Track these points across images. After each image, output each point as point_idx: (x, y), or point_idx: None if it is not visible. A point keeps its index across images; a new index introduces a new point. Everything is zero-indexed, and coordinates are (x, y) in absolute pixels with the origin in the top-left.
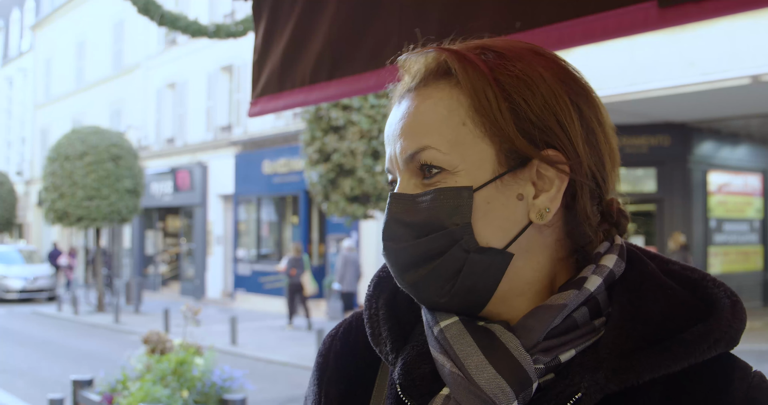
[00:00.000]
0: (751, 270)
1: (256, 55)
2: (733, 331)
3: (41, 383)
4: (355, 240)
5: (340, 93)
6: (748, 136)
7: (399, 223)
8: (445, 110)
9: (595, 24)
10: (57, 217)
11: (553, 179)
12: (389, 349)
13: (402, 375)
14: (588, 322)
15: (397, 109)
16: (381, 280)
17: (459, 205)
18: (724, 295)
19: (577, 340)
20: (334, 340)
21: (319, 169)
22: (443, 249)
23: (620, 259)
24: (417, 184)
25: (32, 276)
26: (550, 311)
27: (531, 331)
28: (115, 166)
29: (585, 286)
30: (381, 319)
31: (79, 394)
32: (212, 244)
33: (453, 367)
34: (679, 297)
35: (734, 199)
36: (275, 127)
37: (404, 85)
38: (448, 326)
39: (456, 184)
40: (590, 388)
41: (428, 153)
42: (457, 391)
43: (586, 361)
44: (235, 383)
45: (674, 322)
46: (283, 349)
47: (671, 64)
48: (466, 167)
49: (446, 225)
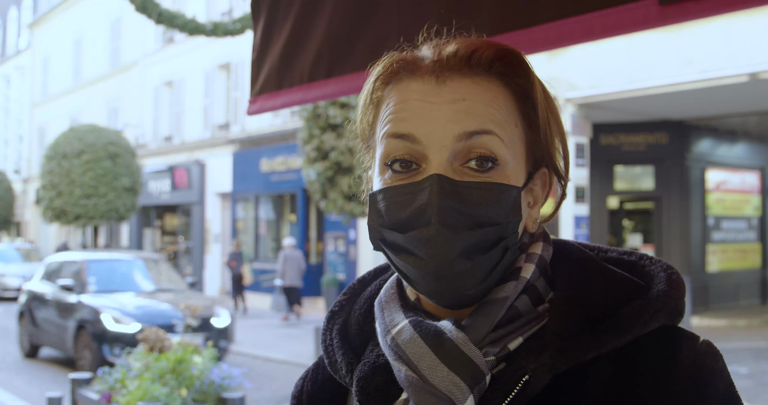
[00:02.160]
0: (749, 268)
1: (254, 53)
2: (672, 301)
3: (39, 381)
4: (354, 238)
5: (339, 91)
6: (745, 133)
7: (453, 210)
8: (504, 107)
9: (595, 21)
10: (55, 216)
11: (539, 192)
12: (344, 371)
13: (358, 391)
14: (531, 310)
15: (438, 85)
16: (333, 314)
17: (511, 202)
18: (660, 269)
19: (523, 328)
20: (304, 383)
21: (316, 167)
22: (492, 244)
23: (546, 244)
24: (458, 172)
25: (30, 274)
26: (495, 306)
27: (479, 327)
28: (113, 164)
29: (522, 276)
30: (335, 347)
31: (78, 393)
32: (210, 243)
33: (408, 370)
34: (617, 277)
35: (732, 197)
36: (273, 125)
37: (445, 62)
38: (399, 331)
39: (508, 182)
40: (537, 369)
41: (491, 139)
42: (414, 394)
43: (532, 346)
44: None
45: (614, 300)
46: (280, 346)
47: (669, 62)
48: (513, 166)
49: (500, 221)
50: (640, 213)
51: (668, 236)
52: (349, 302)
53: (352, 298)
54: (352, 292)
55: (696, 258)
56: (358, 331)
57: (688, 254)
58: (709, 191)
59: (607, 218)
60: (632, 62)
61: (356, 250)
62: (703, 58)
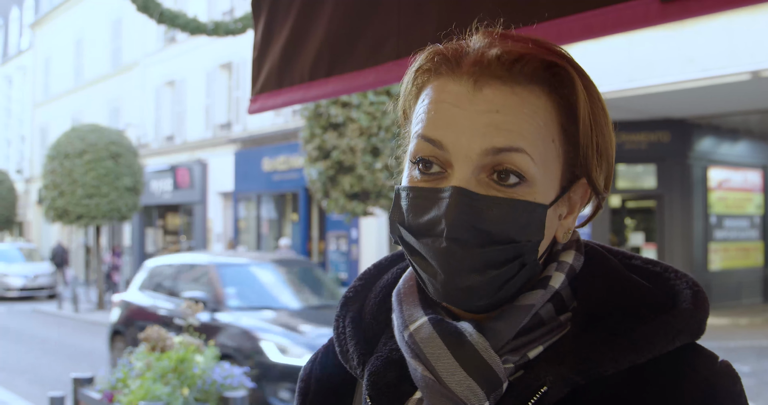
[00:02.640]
0: (751, 266)
1: (255, 52)
2: (695, 321)
3: (41, 381)
4: (356, 237)
5: (339, 90)
6: (747, 131)
7: (468, 226)
8: (542, 121)
9: (595, 19)
10: (57, 215)
11: (577, 201)
12: (356, 363)
13: (369, 386)
14: (554, 318)
15: (474, 91)
16: (347, 300)
17: (533, 220)
18: (686, 286)
19: (544, 337)
20: (313, 365)
21: (318, 166)
22: (507, 260)
23: (578, 253)
24: (481, 182)
25: (33, 274)
26: (519, 312)
27: (501, 332)
28: (115, 164)
29: (550, 285)
30: (348, 336)
31: (80, 393)
32: (212, 242)
33: (424, 370)
34: (641, 290)
35: (734, 195)
36: (275, 125)
37: (486, 65)
38: (418, 328)
39: (534, 200)
40: (555, 381)
41: (521, 157)
42: (430, 395)
43: (551, 356)
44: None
45: (637, 314)
46: None
47: (670, 61)
48: (543, 183)
49: (517, 239)
50: (642, 211)
51: (670, 235)
52: (364, 288)
53: (367, 284)
54: (368, 278)
55: (698, 256)
56: (372, 321)
57: (690, 253)
58: (711, 190)
59: (609, 217)
60: (633, 61)
61: (358, 249)
62: (704, 56)
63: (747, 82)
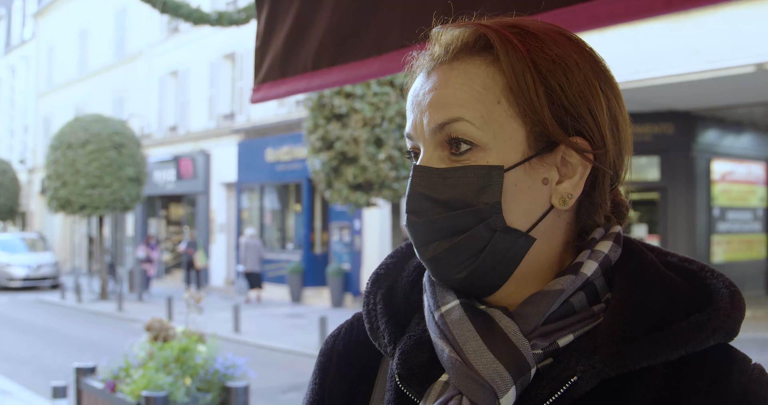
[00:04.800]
0: (754, 258)
1: (258, 41)
2: (732, 320)
3: (44, 371)
4: (359, 228)
5: (343, 79)
6: (752, 124)
7: (424, 198)
8: (480, 87)
9: (602, 8)
10: (60, 206)
11: (577, 166)
12: (387, 341)
13: (400, 365)
14: (586, 308)
15: (426, 79)
16: (379, 276)
17: (489, 184)
18: (723, 286)
19: (576, 325)
20: (336, 340)
21: (321, 157)
22: (469, 225)
23: (616, 245)
24: (443, 157)
25: (35, 264)
26: (547, 297)
27: (529, 317)
28: (118, 155)
29: (581, 271)
30: (378, 314)
31: (82, 382)
32: (215, 232)
33: (452, 351)
34: (677, 287)
35: (738, 188)
36: (278, 115)
37: (435, 56)
38: (449, 310)
39: (487, 163)
40: (586, 372)
41: (461, 125)
42: (456, 377)
43: (583, 346)
44: (238, 371)
45: (673, 311)
46: (286, 336)
47: (675, 53)
48: (497, 146)
49: (474, 203)
50: (645, 203)
51: (674, 227)
52: (395, 266)
53: (399, 262)
54: (400, 255)
55: (701, 249)
56: (404, 300)
57: (693, 245)
58: (714, 182)
59: None
60: (638, 53)
61: (361, 240)
62: (709, 48)
63: (752, 74)
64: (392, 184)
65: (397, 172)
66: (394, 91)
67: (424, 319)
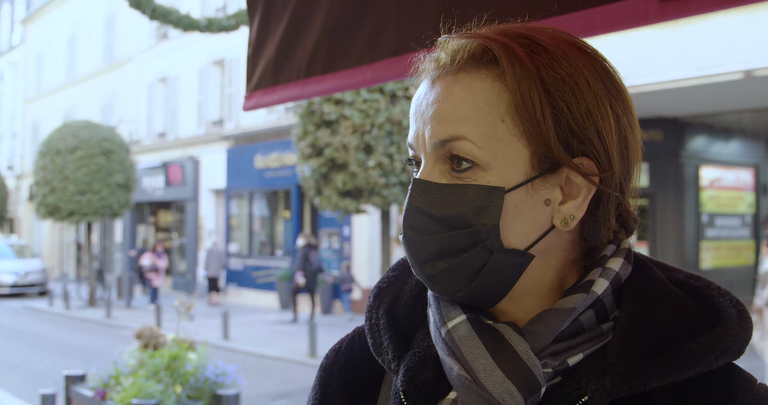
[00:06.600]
0: (742, 265)
1: (250, 48)
2: (740, 341)
3: (33, 378)
4: (348, 234)
5: (336, 87)
6: (740, 130)
7: (422, 214)
8: (484, 103)
9: (596, 16)
10: (48, 212)
11: (582, 187)
12: (391, 357)
13: (405, 382)
14: (595, 326)
15: (430, 89)
16: (381, 290)
17: (488, 205)
18: (730, 305)
19: (585, 344)
20: (337, 355)
21: (311, 163)
22: (467, 247)
23: (626, 262)
24: (443, 172)
25: (23, 271)
26: (558, 315)
27: (540, 335)
28: (107, 161)
29: (593, 290)
30: (382, 329)
31: (72, 390)
32: (204, 239)
33: (461, 369)
34: (685, 305)
35: (726, 194)
36: (267, 122)
37: (440, 65)
38: (456, 326)
39: (488, 183)
40: (597, 392)
41: (462, 144)
42: (465, 395)
43: (594, 366)
44: (229, 378)
45: (682, 330)
46: (274, 343)
47: (665, 59)
48: (498, 165)
49: (472, 223)
50: None
51: (662, 233)
52: (397, 279)
53: (401, 275)
54: (402, 268)
55: (690, 255)
56: (407, 314)
57: (681, 251)
58: (703, 188)
59: None
60: (628, 59)
61: (350, 246)
62: (700, 54)
63: (740, 81)
64: (382, 191)
65: (387, 179)
66: (384, 98)
67: (429, 334)
